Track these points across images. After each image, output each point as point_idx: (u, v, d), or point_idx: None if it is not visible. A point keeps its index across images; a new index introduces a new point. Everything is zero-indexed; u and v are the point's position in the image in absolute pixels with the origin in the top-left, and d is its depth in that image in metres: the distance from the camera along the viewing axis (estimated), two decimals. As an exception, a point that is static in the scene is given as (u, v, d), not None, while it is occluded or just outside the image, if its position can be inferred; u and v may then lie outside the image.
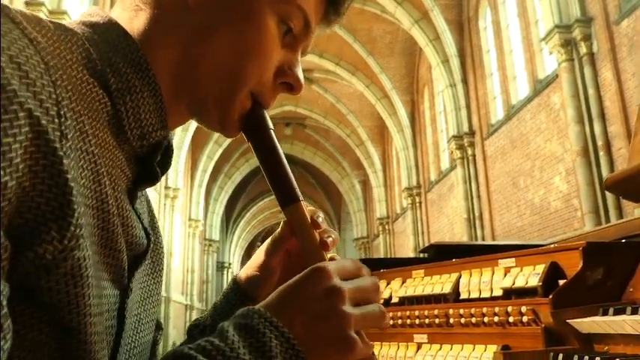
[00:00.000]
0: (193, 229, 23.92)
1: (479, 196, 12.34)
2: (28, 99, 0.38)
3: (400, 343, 1.50)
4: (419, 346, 1.45)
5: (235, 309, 0.70)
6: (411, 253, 16.14)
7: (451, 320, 1.40)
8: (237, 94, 0.60)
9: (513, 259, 1.39)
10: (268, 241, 0.69)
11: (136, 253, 0.54)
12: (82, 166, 0.42)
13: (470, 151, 12.51)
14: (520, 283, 1.31)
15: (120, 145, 0.52)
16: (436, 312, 1.45)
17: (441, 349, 1.38)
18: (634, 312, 1.03)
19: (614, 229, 1.38)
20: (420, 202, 16.62)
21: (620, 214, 7.31)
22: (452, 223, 14.00)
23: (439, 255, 1.90)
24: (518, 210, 10.56)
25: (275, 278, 0.70)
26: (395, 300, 1.62)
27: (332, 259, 0.61)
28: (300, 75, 0.64)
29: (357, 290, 0.52)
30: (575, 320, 1.12)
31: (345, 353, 0.49)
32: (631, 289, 1.18)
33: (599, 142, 7.64)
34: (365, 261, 1.74)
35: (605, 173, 7.55)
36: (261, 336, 0.46)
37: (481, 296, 1.39)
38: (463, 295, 1.44)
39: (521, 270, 1.34)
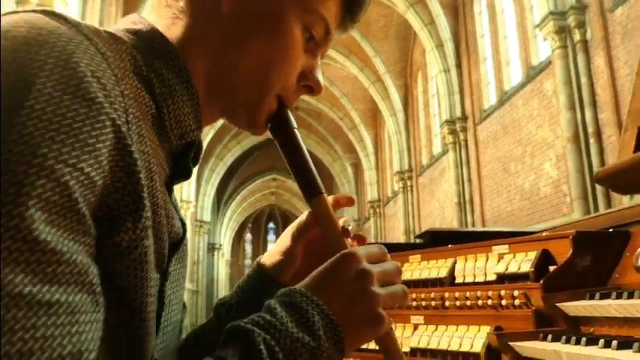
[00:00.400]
0: (185, 210, 23.94)
1: (470, 181, 12.47)
2: (110, 109, 0.43)
3: (398, 324, 1.57)
4: (415, 326, 1.53)
5: (259, 291, 0.76)
6: (401, 237, 16.34)
7: (447, 303, 1.47)
8: (265, 98, 0.65)
9: (507, 246, 1.47)
10: (293, 229, 0.75)
11: (174, 241, 0.59)
12: (143, 165, 0.48)
13: (462, 136, 12.60)
14: (513, 268, 1.38)
15: (161, 143, 0.57)
16: (432, 295, 1.53)
17: (436, 329, 1.46)
18: (618, 297, 1.10)
19: (603, 219, 1.45)
20: (412, 186, 16.75)
21: (608, 201, 7.44)
22: (443, 207, 14.14)
23: (434, 241, 1.97)
24: (508, 195, 10.70)
25: (297, 263, 0.76)
26: (392, 283, 1.69)
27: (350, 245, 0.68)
28: (321, 78, 0.69)
29: (383, 273, 0.59)
30: (563, 304, 1.20)
31: (376, 329, 0.56)
32: (617, 275, 1.26)
33: (590, 129, 7.74)
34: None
35: (595, 160, 7.67)
36: (305, 312, 0.52)
37: (475, 280, 1.46)
38: (458, 280, 1.51)
39: (514, 256, 1.42)
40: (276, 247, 0.79)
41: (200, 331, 0.79)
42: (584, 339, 1.04)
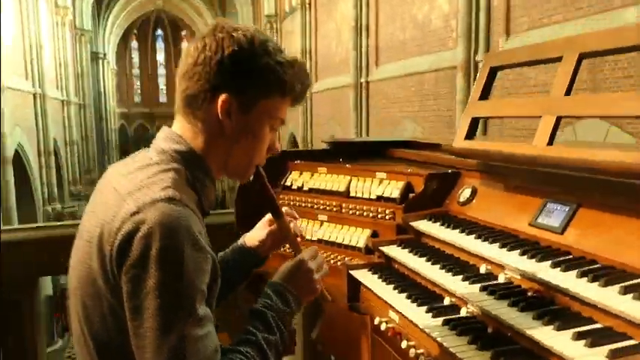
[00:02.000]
0: (62, 17, 21.64)
1: (368, 5, 12.71)
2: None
3: (309, 220, 2.28)
4: (321, 223, 2.25)
5: (244, 260, 1.39)
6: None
7: (343, 210, 2.19)
8: (250, 170, 1.19)
9: (385, 174, 2.15)
10: (266, 228, 1.38)
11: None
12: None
13: (363, -43, 12.40)
14: (387, 193, 2.10)
15: (201, 215, 1.10)
16: (334, 203, 2.22)
17: (335, 227, 2.19)
18: (436, 221, 1.86)
19: (449, 160, 2.14)
20: (310, 3, 16.56)
21: (487, 42, 8.30)
22: (340, 30, 14.46)
23: (337, 149, 2.62)
24: (402, 23, 11.24)
25: (268, 245, 1.38)
26: (306, 188, 2.35)
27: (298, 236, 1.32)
28: (278, 145, 1.22)
29: (317, 265, 1.24)
30: (413, 222, 1.95)
31: (314, 294, 1.24)
32: (447, 202, 2.02)
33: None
34: (284, 153, 2.40)
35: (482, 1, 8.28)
36: (285, 296, 1.17)
37: (363, 196, 2.17)
38: (352, 194, 2.21)
39: (389, 183, 2.12)
40: (254, 235, 1.40)
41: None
42: (421, 247, 1.81)
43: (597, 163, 1.35)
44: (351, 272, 1.85)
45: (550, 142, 1.49)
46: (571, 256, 1.39)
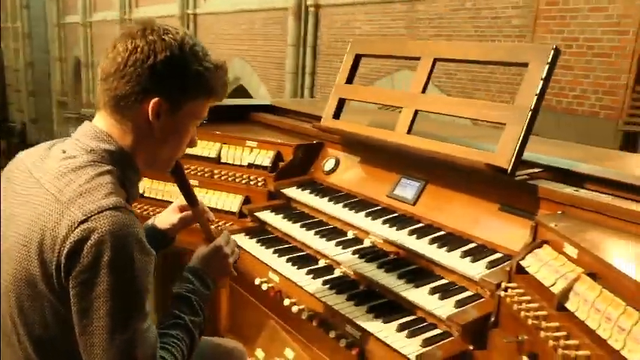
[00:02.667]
0: None
1: None
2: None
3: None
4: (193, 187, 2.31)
5: (154, 241, 1.46)
6: None
7: (215, 176, 2.29)
8: (172, 163, 1.26)
9: (256, 143, 2.30)
10: (176, 211, 1.45)
11: None
12: None
13: None
14: (259, 161, 2.25)
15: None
16: (205, 169, 2.30)
17: (207, 192, 2.28)
18: (305, 188, 2.11)
19: (316, 132, 2.36)
20: None
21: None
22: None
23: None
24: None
25: (177, 228, 1.46)
26: (174, 152, 2.37)
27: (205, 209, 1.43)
28: (196, 139, 1.29)
29: (231, 249, 1.38)
30: (284, 190, 2.15)
31: (228, 275, 1.38)
32: (312, 170, 2.26)
33: None
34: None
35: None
36: (205, 279, 1.28)
37: (234, 163, 2.29)
38: (223, 160, 2.31)
39: (260, 152, 2.27)
40: (164, 218, 1.46)
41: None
42: (289, 211, 2.04)
43: (441, 154, 1.70)
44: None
45: (408, 131, 1.80)
46: (422, 225, 1.76)
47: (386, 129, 1.89)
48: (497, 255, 1.52)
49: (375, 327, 1.44)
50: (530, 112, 1.48)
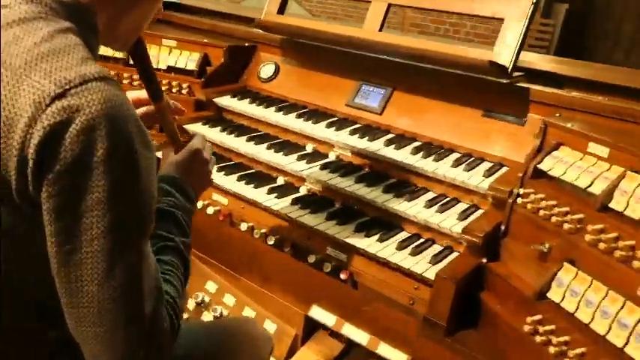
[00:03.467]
0: None
1: None
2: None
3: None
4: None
5: None
6: None
7: (125, 80, 1.84)
8: (133, 39, 0.91)
9: (175, 42, 1.88)
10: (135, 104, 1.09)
11: None
12: None
13: None
14: (181, 64, 1.85)
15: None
16: (111, 72, 1.83)
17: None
18: (242, 97, 1.80)
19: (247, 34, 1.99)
20: None
21: None
22: None
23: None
24: None
25: None
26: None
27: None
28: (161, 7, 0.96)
29: (209, 155, 1.08)
30: (216, 99, 1.81)
31: (209, 185, 1.10)
32: (245, 77, 1.94)
33: None
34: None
35: None
36: (187, 190, 0.98)
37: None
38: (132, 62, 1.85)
39: (181, 53, 1.86)
40: None
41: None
42: (223, 123, 1.73)
43: (422, 51, 1.52)
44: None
45: (380, 29, 1.58)
46: (394, 135, 1.59)
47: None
48: (488, 163, 1.43)
49: (375, 247, 1.27)
50: (533, 6, 1.36)
